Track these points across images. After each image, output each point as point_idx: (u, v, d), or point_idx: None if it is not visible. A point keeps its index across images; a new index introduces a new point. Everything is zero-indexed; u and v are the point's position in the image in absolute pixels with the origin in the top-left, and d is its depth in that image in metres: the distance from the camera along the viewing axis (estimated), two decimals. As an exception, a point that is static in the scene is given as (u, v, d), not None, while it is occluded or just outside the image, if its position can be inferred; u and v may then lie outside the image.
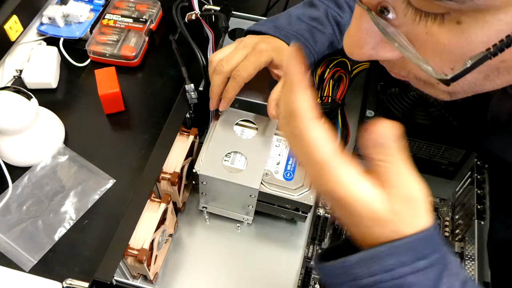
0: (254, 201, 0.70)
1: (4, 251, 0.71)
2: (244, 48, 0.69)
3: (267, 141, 0.72)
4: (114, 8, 0.99)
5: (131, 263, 0.64)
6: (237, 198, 0.71)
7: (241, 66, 0.67)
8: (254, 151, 0.70)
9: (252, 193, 0.68)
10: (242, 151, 0.70)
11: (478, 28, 0.32)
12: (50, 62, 0.90)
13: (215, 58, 0.70)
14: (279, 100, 0.69)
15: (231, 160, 0.70)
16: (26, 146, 0.78)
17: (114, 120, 0.87)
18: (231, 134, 0.72)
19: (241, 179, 0.67)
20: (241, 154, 0.70)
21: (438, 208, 0.76)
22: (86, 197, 0.77)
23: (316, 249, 0.72)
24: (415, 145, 0.75)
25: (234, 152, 0.70)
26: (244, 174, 0.68)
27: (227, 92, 0.69)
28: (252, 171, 0.68)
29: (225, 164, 0.69)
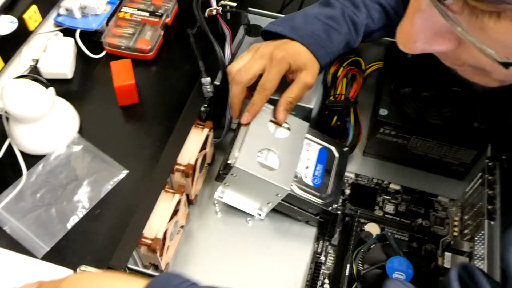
0: (278, 200, 0.70)
1: (18, 237, 0.72)
2: (262, 58, 0.70)
3: (298, 143, 0.72)
4: (130, 1, 1.00)
5: (144, 252, 0.65)
6: (261, 195, 0.71)
7: (266, 80, 0.70)
8: (286, 151, 0.70)
9: (280, 193, 0.68)
10: (276, 149, 0.70)
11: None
12: (66, 53, 0.91)
13: (233, 68, 0.71)
14: (287, 104, 0.72)
15: (265, 157, 0.69)
16: (42, 135, 0.79)
17: (128, 112, 0.88)
18: (265, 130, 0.71)
19: (274, 178, 0.67)
20: (274, 153, 0.70)
21: (448, 208, 0.76)
22: (99, 186, 0.78)
23: (325, 245, 0.73)
24: (427, 145, 0.76)
25: (267, 150, 0.70)
26: (277, 173, 0.68)
27: (255, 105, 0.70)
28: (285, 171, 0.68)
29: (259, 161, 0.69)
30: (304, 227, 0.76)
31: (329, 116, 0.80)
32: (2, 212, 0.74)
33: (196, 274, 0.71)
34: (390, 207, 0.76)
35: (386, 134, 0.77)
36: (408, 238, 0.74)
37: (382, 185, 0.79)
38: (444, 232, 0.74)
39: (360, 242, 0.72)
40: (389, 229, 0.74)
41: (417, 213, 0.76)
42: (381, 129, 0.77)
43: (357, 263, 0.69)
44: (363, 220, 0.75)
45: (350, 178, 0.80)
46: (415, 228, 0.74)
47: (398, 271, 0.65)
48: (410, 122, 0.75)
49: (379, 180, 0.79)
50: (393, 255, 0.67)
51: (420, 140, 0.76)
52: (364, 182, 0.79)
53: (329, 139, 0.75)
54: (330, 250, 0.73)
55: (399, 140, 0.78)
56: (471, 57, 0.42)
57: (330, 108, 0.79)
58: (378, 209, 0.76)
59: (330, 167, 0.72)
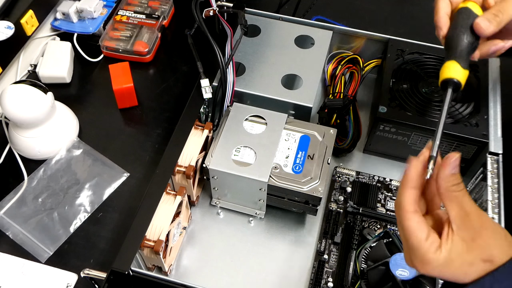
0: (264, 195, 0.71)
1: (21, 242, 0.72)
2: None
3: (276, 135, 0.73)
4: (127, 4, 1.00)
5: (147, 254, 0.65)
6: (247, 192, 0.71)
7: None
8: (263, 145, 0.71)
9: (262, 187, 0.69)
10: (251, 145, 0.71)
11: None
12: (64, 57, 0.91)
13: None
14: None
15: (241, 154, 0.70)
16: (42, 139, 0.78)
17: (128, 114, 0.88)
18: (240, 129, 0.73)
19: (250, 173, 0.68)
20: (250, 149, 0.71)
21: (449, 203, 0.76)
22: (101, 190, 0.78)
23: (328, 243, 0.73)
24: (427, 141, 0.76)
25: (243, 147, 0.71)
26: (253, 167, 0.69)
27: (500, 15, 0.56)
28: (261, 165, 0.69)
29: (234, 159, 0.70)
30: (306, 226, 0.76)
31: (329, 114, 0.80)
32: (4, 218, 0.74)
33: (200, 276, 0.71)
34: (392, 204, 0.76)
35: (386, 131, 0.77)
36: (411, 235, 0.74)
37: (384, 182, 0.79)
38: (446, 227, 0.74)
39: (363, 239, 0.72)
40: (391, 226, 0.74)
41: (419, 209, 0.76)
42: (380, 126, 0.77)
43: (360, 260, 0.69)
44: (365, 218, 0.75)
45: (351, 176, 0.80)
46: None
47: (401, 268, 0.65)
48: (409, 119, 0.75)
49: (380, 177, 0.79)
50: (396, 252, 0.67)
51: (420, 137, 0.76)
52: (365, 180, 0.79)
53: (312, 125, 0.75)
54: (333, 248, 0.73)
55: (399, 137, 0.78)
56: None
57: (329, 106, 0.79)
58: (380, 206, 0.76)
59: (313, 152, 0.72)
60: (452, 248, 0.43)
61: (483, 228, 0.43)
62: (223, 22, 0.77)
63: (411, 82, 0.79)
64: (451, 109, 0.76)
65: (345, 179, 0.79)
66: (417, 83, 0.79)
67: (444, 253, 0.43)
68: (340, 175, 0.80)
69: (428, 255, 0.43)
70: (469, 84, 0.79)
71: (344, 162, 0.83)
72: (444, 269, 0.43)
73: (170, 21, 1.02)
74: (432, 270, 0.44)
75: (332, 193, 0.78)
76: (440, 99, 0.77)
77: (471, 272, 0.42)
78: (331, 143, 0.72)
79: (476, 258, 0.42)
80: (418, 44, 0.84)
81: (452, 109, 0.76)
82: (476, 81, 0.79)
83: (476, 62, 0.81)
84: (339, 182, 0.79)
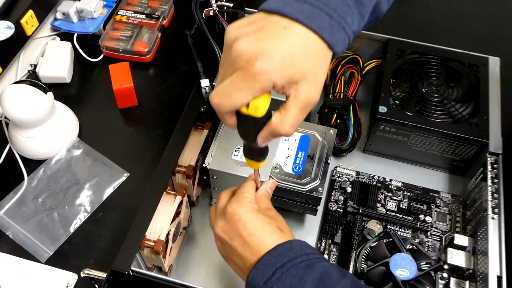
0: None
1: (21, 242, 0.72)
2: (233, 65, 0.45)
3: None
4: (127, 4, 1.00)
5: (147, 254, 0.65)
6: None
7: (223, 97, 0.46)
8: None
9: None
10: None
11: None
12: (64, 57, 0.91)
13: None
14: None
15: (241, 154, 0.70)
16: (42, 139, 0.78)
17: (128, 114, 0.88)
18: None
19: (250, 173, 0.68)
20: None
21: (450, 204, 0.77)
22: (101, 190, 0.78)
23: (328, 243, 0.73)
24: (427, 141, 0.76)
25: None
26: None
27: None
28: None
29: (234, 159, 0.70)
30: (306, 226, 0.76)
31: (329, 114, 0.80)
32: (4, 218, 0.74)
33: (200, 275, 0.71)
34: (392, 204, 0.76)
35: (386, 131, 0.77)
36: (411, 235, 0.74)
37: (384, 182, 0.79)
38: (446, 228, 0.74)
39: (363, 239, 0.72)
40: (391, 226, 0.74)
41: (419, 209, 0.76)
42: (381, 127, 0.77)
43: (360, 260, 0.69)
44: (365, 218, 0.75)
45: (351, 176, 0.80)
46: (418, 224, 0.74)
47: (401, 268, 0.65)
48: (409, 119, 0.75)
49: (380, 177, 0.79)
50: (396, 252, 0.67)
51: (420, 137, 0.76)
52: (365, 180, 0.79)
53: (312, 125, 0.75)
54: (333, 248, 0.73)
55: (399, 137, 0.78)
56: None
57: (329, 106, 0.79)
58: (380, 206, 0.76)
59: (313, 152, 0.71)
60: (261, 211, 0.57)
61: (278, 217, 0.58)
62: (223, 22, 0.77)
63: (411, 82, 0.79)
64: (451, 109, 0.76)
65: (345, 179, 0.79)
66: (417, 83, 0.79)
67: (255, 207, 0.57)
68: (340, 175, 0.80)
69: (245, 198, 0.57)
70: (469, 84, 0.79)
71: (344, 162, 0.83)
72: (247, 213, 0.55)
73: (170, 21, 1.02)
74: (238, 208, 0.56)
75: (332, 193, 0.78)
76: (440, 99, 0.77)
77: (267, 228, 0.54)
78: (331, 143, 0.72)
79: (273, 224, 0.55)
80: (418, 44, 0.84)
81: (452, 109, 0.76)
82: (476, 81, 0.79)
83: (476, 62, 0.81)
84: (339, 182, 0.79)
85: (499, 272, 0.62)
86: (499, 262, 0.63)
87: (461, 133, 0.73)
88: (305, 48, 0.45)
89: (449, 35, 1.01)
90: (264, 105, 0.46)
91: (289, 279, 0.50)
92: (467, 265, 0.68)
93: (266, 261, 0.52)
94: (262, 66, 0.43)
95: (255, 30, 0.45)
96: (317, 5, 0.46)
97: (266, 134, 0.49)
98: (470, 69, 0.81)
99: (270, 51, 0.43)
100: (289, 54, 0.44)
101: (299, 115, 0.47)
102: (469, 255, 0.69)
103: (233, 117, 0.48)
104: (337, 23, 0.47)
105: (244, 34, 0.45)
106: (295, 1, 0.46)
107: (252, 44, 0.44)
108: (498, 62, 0.82)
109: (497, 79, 0.80)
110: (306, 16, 0.45)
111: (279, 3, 0.46)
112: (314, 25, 0.45)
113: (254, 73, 0.43)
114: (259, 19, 0.46)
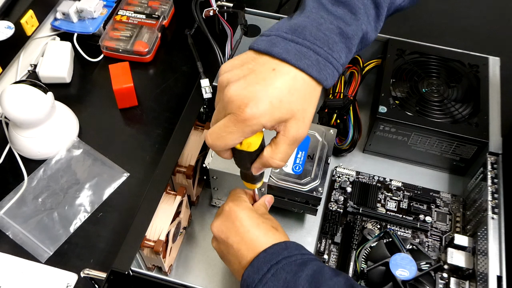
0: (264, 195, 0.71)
1: (21, 242, 0.72)
2: (225, 109, 0.48)
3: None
4: (127, 4, 1.00)
5: (147, 254, 0.65)
6: None
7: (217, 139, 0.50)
8: None
9: (262, 187, 0.69)
10: None
11: None
12: (64, 57, 0.91)
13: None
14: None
15: None
16: (42, 139, 0.78)
17: (128, 114, 0.88)
18: None
19: None
20: None
21: (450, 204, 0.77)
22: (101, 190, 0.78)
23: (328, 243, 0.73)
24: (427, 141, 0.76)
25: None
26: None
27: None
28: None
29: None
30: (306, 226, 0.76)
31: (329, 114, 0.80)
32: (4, 218, 0.74)
33: (200, 276, 0.71)
34: (392, 204, 0.76)
35: (386, 131, 0.77)
36: (411, 235, 0.74)
37: (384, 182, 0.79)
38: (446, 228, 0.74)
39: (363, 239, 0.72)
40: (391, 226, 0.74)
41: (419, 209, 0.76)
42: (381, 127, 0.77)
43: (360, 260, 0.69)
44: (365, 218, 0.75)
45: (351, 176, 0.80)
46: (418, 224, 0.74)
47: (401, 268, 0.65)
48: (409, 119, 0.75)
49: (380, 177, 0.79)
50: (396, 252, 0.67)
51: (420, 137, 0.76)
52: (365, 180, 0.79)
53: (312, 125, 0.74)
54: (333, 248, 0.73)
55: (399, 137, 0.78)
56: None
57: (329, 106, 0.79)
58: (380, 207, 0.76)
59: (313, 152, 0.71)
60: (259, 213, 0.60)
61: (274, 219, 0.61)
62: (223, 22, 0.77)
63: (411, 82, 0.79)
64: (451, 109, 0.76)
65: (345, 179, 0.79)
66: (417, 83, 0.79)
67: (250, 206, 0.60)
68: (340, 175, 0.80)
69: (241, 198, 0.60)
70: (469, 84, 0.79)
71: (344, 162, 0.83)
72: (244, 211, 0.58)
73: (170, 21, 1.02)
74: (235, 207, 0.58)
75: (332, 193, 0.78)
76: (440, 99, 0.77)
77: (262, 226, 0.57)
78: (331, 143, 0.72)
79: (268, 223, 0.58)
80: (418, 44, 0.84)
81: (452, 109, 0.76)
82: (476, 81, 0.79)
83: (476, 62, 0.81)
84: (339, 182, 0.79)
85: (499, 272, 0.62)
86: (499, 262, 0.63)
87: (461, 133, 0.73)
88: (293, 89, 0.48)
89: (449, 35, 1.01)
90: (256, 142, 0.51)
91: (283, 275, 0.52)
92: (467, 265, 0.68)
93: (262, 258, 0.54)
94: (251, 112, 0.46)
95: (246, 73, 0.48)
96: (303, 43, 0.48)
97: (259, 165, 0.53)
98: (470, 69, 0.81)
99: (258, 96, 0.46)
100: (277, 98, 0.47)
101: (289, 149, 0.51)
102: (469, 255, 0.69)
103: (227, 152, 0.52)
104: (324, 59, 0.49)
105: (236, 78, 0.48)
106: (282, 40, 0.49)
107: (242, 90, 0.47)
108: (498, 62, 0.82)
109: (497, 79, 0.80)
110: (293, 56, 0.48)
111: (268, 44, 0.49)
112: (302, 64, 0.48)
113: (244, 118, 0.46)
114: (250, 59, 0.49)
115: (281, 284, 0.51)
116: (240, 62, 0.50)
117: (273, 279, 0.52)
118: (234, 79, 0.48)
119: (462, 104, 0.77)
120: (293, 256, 0.54)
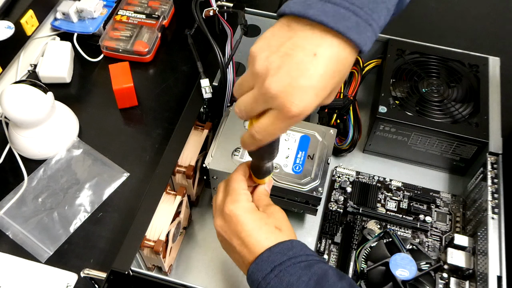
0: None
1: (21, 242, 0.72)
2: (267, 101, 0.46)
3: None
4: (127, 4, 1.00)
5: (147, 254, 0.65)
6: None
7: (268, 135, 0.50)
8: None
9: None
10: None
11: None
12: (64, 57, 0.91)
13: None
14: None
15: (241, 154, 0.70)
16: (42, 139, 0.78)
17: (128, 114, 0.88)
18: (240, 129, 0.73)
19: None
20: None
21: (450, 204, 0.77)
22: (101, 190, 0.78)
23: (328, 243, 0.73)
24: (427, 141, 0.76)
25: None
26: None
27: (244, 145, 0.54)
28: None
29: (234, 159, 0.70)
30: (306, 226, 0.76)
31: (329, 114, 0.80)
32: (4, 218, 0.74)
33: (200, 275, 0.71)
34: (392, 204, 0.76)
35: (386, 131, 0.77)
36: (411, 235, 0.74)
37: (384, 182, 0.79)
38: (446, 228, 0.74)
39: (362, 239, 0.72)
40: (391, 226, 0.74)
41: (419, 209, 0.76)
42: (381, 126, 0.77)
43: (360, 260, 0.69)
44: (365, 218, 0.75)
45: (351, 176, 0.80)
46: (418, 224, 0.74)
47: (401, 268, 0.65)
48: (409, 119, 0.75)
49: (380, 177, 0.79)
50: (396, 252, 0.67)
51: (420, 137, 0.76)
52: (365, 180, 0.79)
53: (312, 125, 0.75)
54: (333, 248, 0.73)
55: (399, 137, 0.78)
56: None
57: (329, 106, 0.79)
58: (380, 207, 0.76)
59: (313, 152, 0.71)
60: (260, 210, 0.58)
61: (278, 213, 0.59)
62: (223, 22, 0.77)
63: (411, 82, 0.79)
64: (451, 109, 0.76)
65: (345, 179, 0.79)
66: (417, 83, 0.79)
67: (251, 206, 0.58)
68: (340, 175, 0.80)
69: (240, 196, 0.57)
70: (469, 84, 0.79)
71: (344, 162, 0.83)
72: (245, 215, 0.56)
73: (170, 21, 1.02)
74: (236, 210, 0.56)
75: (332, 193, 0.78)
76: (440, 99, 0.77)
77: (264, 229, 0.55)
78: (331, 143, 0.72)
79: (271, 224, 0.57)
80: (418, 44, 0.84)
81: (452, 109, 0.76)
82: (476, 81, 0.79)
83: (476, 62, 0.81)
84: (339, 182, 0.79)
85: (499, 272, 0.62)
86: (499, 262, 0.63)
87: (461, 133, 0.73)
88: (336, 71, 0.45)
89: (449, 35, 1.01)
90: None
91: (287, 277, 0.51)
92: (467, 265, 0.68)
93: (266, 257, 0.53)
94: (298, 110, 0.44)
95: (285, 61, 0.44)
96: (341, 4, 0.44)
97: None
98: (470, 69, 0.81)
99: (303, 91, 0.44)
100: (322, 88, 0.45)
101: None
102: (469, 255, 0.69)
103: None
104: (364, 21, 0.45)
105: (275, 66, 0.45)
106: (318, 1, 0.44)
107: (285, 86, 0.44)
108: (498, 62, 0.82)
109: (497, 79, 0.80)
110: (332, 18, 0.43)
111: (302, 6, 0.44)
112: (341, 27, 0.43)
113: (292, 116, 0.45)
114: (286, 37, 0.45)
115: (284, 286, 0.51)
116: (277, 42, 0.45)
117: (276, 280, 0.51)
118: (274, 68, 0.44)
119: (462, 104, 0.77)
120: (298, 257, 0.53)
